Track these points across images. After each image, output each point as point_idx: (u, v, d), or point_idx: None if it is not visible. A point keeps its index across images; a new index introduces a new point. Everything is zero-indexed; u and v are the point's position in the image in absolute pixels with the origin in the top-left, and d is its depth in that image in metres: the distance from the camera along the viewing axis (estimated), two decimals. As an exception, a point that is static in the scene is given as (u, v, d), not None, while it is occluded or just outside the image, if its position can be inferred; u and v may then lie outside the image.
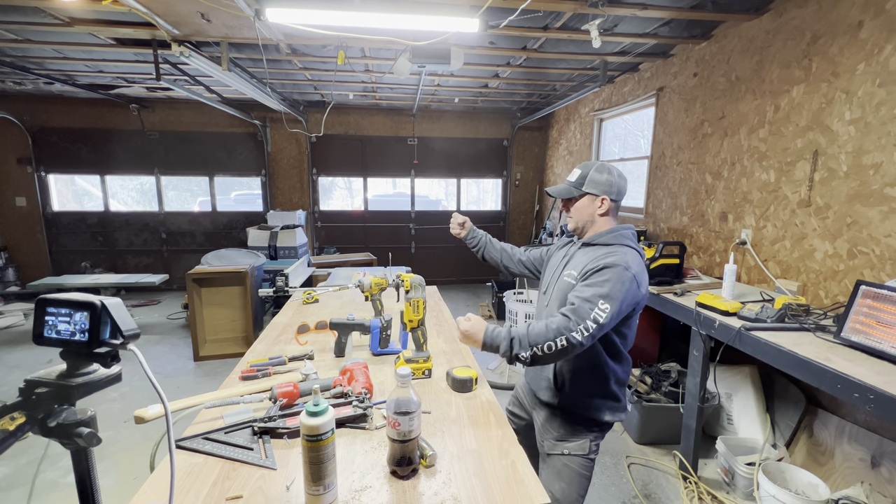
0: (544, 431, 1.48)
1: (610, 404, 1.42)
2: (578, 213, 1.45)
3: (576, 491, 1.43)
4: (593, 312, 1.20)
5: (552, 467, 1.45)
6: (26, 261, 5.94)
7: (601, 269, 1.28)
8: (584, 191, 1.43)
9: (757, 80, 2.66)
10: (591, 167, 1.44)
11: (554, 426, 1.46)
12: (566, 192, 1.46)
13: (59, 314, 0.47)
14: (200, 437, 1.09)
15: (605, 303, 1.21)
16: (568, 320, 1.21)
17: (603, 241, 1.41)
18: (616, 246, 1.38)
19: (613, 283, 1.24)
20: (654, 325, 3.07)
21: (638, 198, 4.20)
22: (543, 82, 4.65)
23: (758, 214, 2.67)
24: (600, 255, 1.34)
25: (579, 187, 1.44)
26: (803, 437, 2.34)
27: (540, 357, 1.20)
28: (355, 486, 0.94)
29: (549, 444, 1.46)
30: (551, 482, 1.44)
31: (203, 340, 3.89)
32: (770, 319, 1.92)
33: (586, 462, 1.43)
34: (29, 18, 2.89)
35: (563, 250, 1.55)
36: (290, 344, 1.78)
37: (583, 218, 1.45)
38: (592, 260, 1.34)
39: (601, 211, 1.43)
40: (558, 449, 1.43)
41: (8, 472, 2.37)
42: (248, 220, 6.16)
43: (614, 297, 1.23)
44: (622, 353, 1.41)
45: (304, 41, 3.21)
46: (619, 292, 1.24)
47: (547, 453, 1.46)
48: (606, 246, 1.39)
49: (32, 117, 5.66)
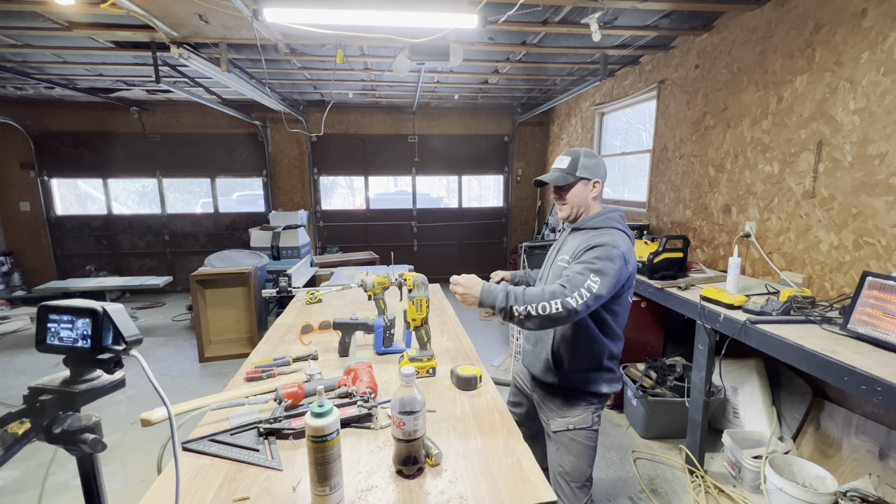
0: (548, 411, 1.54)
1: (606, 377, 1.49)
2: (574, 199, 1.49)
3: (584, 462, 1.48)
4: (587, 282, 1.27)
5: (559, 443, 1.50)
6: (31, 265, 5.98)
7: (591, 248, 1.36)
8: (578, 176, 1.47)
9: (759, 71, 2.63)
10: (580, 153, 1.48)
11: (556, 404, 1.51)
12: (562, 179, 1.48)
13: (61, 321, 0.47)
14: (206, 438, 1.09)
15: (597, 276, 1.28)
16: (563, 288, 1.26)
17: (592, 225, 1.47)
18: (605, 229, 1.45)
19: (603, 259, 1.31)
20: (658, 319, 3.06)
21: (640, 192, 4.18)
22: (543, 77, 4.63)
23: (762, 206, 2.65)
24: (590, 237, 1.40)
25: (573, 173, 1.47)
26: (810, 429, 2.33)
27: (534, 318, 1.24)
28: (361, 485, 0.94)
29: (554, 423, 1.51)
30: (561, 457, 1.49)
31: (208, 342, 3.91)
32: (775, 312, 1.91)
33: (591, 433, 1.49)
34: (28, 23, 2.89)
35: (560, 237, 1.62)
36: (295, 344, 1.78)
37: (578, 203, 1.50)
38: (583, 241, 1.41)
39: (594, 194, 1.50)
40: (563, 425, 1.48)
41: (18, 475, 2.39)
42: (251, 221, 6.17)
43: (605, 272, 1.29)
44: (615, 331, 1.47)
45: (303, 40, 3.20)
46: (609, 268, 1.30)
47: (553, 431, 1.51)
48: (596, 229, 1.46)
49: (34, 122, 5.69)
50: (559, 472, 1.50)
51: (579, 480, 1.47)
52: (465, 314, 5.17)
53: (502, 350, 4.09)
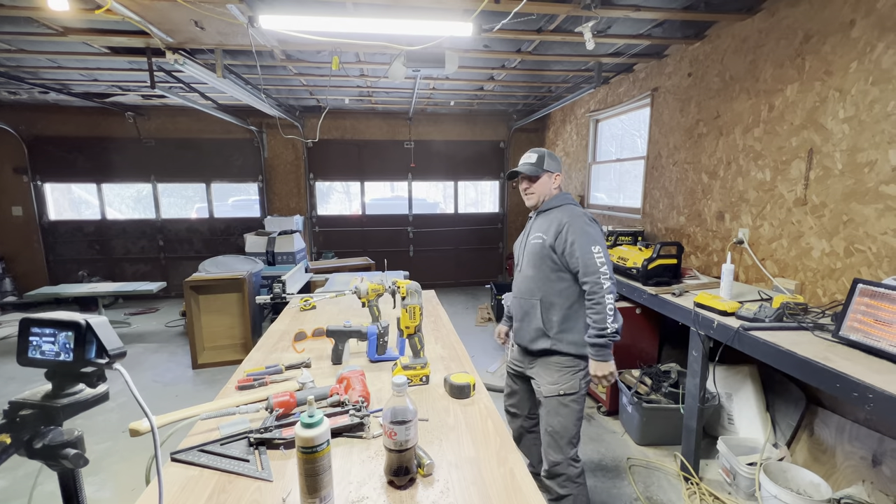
0: (540, 379, 1.78)
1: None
2: (540, 189, 1.79)
3: (572, 421, 1.73)
4: (596, 258, 1.62)
5: (550, 407, 1.74)
6: (23, 270, 5.92)
7: (565, 230, 1.67)
8: (545, 169, 1.77)
9: (751, 80, 2.67)
10: (544, 152, 1.78)
11: (549, 372, 1.75)
12: (534, 171, 1.77)
13: (43, 334, 0.46)
14: (196, 449, 1.08)
15: (594, 245, 1.63)
16: (593, 285, 1.61)
17: (552, 206, 1.79)
18: (563, 206, 1.77)
19: (582, 229, 1.66)
20: (653, 325, 3.06)
21: (635, 198, 4.20)
22: (539, 84, 4.66)
23: (754, 213, 2.67)
24: (554, 217, 1.73)
25: (541, 167, 1.77)
26: (804, 436, 2.33)
27: (617, 323, 1.61)
28: (352, 496, 0.93)
29: (546, 389, 1.74)
30: (551, 419, 1.74)
31: (202, 348, 3.87)
32: (768, 319, 1.92)
33: (579, 398, 1.74)
34: (22, 29, 2.89)
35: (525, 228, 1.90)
36: (288, 352, 1.77)
37: (543, 193, 1.80)
38: (551, 221, 1.72)
39: (555, 185, 1.81)
40: (554, 391, 1.73)
41: (5, 485, 2.35)
42: (246, 226, 6.15)
43: (594, 236, 1.65)
44: None
45: (299, 47, 3.21)
46: (592, 232, 1.66)
47: (545, 396, 1.75)
48: (556, 208, 1.77)
49: (28, 127, 5.66)
50: (549, 431, 1.74)
51: (566, 437, 1.73)
52: (461, 319, 5.16)
53: (498, 356, 4.08)
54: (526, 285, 1.80)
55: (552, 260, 1.72)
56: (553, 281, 1.73)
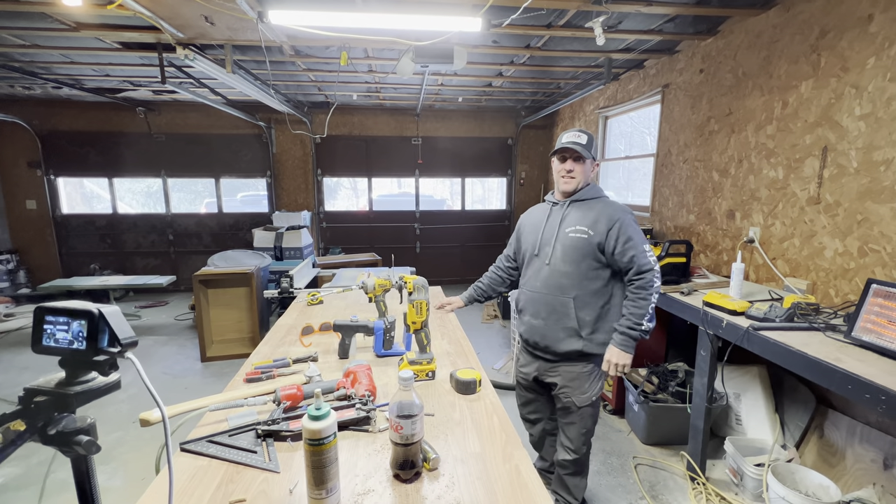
0: (569, 390, 1.74)
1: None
2: (583, 175, 1.68)
3: (594, 423, 1.81)
4: (649, 257, 1.60)
5: (584, 413, 1.75)
6: (37, 263, 6.02)
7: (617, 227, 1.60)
8: (592, 154, 1.67)
9: (764, 76, 2.62)
10: (593, 135, 1.72)
11: (580, 382, 1.72)
12: (584, 152, 1.64)
13: (57, 322, 0.47)
14: (205, 439, 1.09)
15: (645, 244, 1.61)
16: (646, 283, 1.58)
17: (589, 196, 1.70)
18: (601, 199, 1.71)
19: (634, 227, 1.63)
20: (660, 324, 3.04)
21: (644, 196, 4.16)
22: (548, 80, 4.62)
23: (766, 212, 2.64)
24: (598, 210, 1.65)
25: (589, 150, 1.65)
26: (814, 437, 2.30)
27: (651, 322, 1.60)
28: (358, 489, 0.93)
29: (579, 399, 1.73)
30: (585, 421, 1.77)
31: (210, 341, 3.92)
32: (779, 319, 1.90)
33: (600, 398, 1.81)
34: (36, 24, 2.92)
35: (548, 212, 1.78)
36: (295, 346, 1.78)
37: (583, 179, 1.69)
38: (597, 217, 1.63)
39: (594, 173, 1.74)
40: (587, 400, 1.73)
41: (19, 473, 2.40)
42: (254, 222, 6.19)
43: (642, 234, 1.63)
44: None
45: (307, 42, 3.21)
46: (639, 231, 1.63)
47: (579, 406, 1.74)
48: (593, 199, 1.70)
49: (41, 121, 5.74)
50: (584, 432, 1.78)
51: (593, 431, 1.83)
52: (467, 316, 5.16)
53: (503, 353, 4.08)
54: (556, 280, 1.67)
55: (595, 259, 1.63)
56: (591, 279, 1.65)
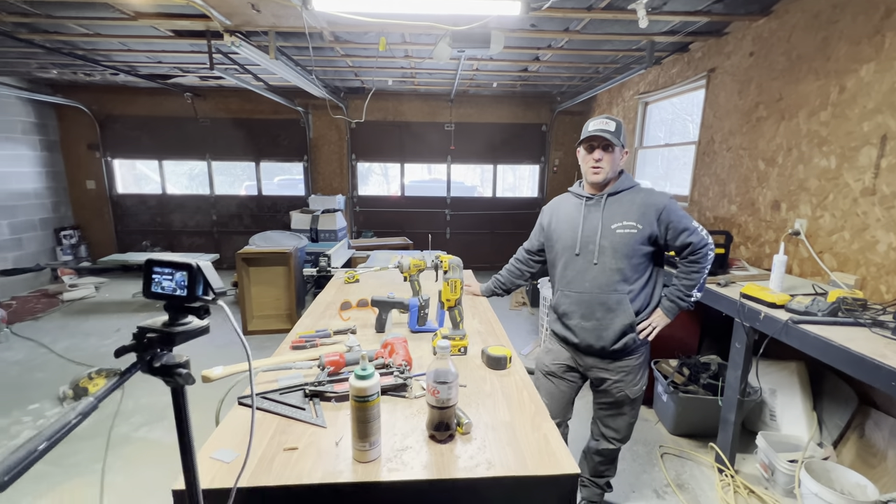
0: (622, 384, 1.71)
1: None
2: (612, 164, 1.59)
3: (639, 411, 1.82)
4: (702, 233, 1.59)
5: (634, 405, 1.77)
6: (96, 239, 6.51)
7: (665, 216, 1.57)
8: (621, 142, 1.57)
9: (821, 59, 2.48)
10: (621, 121, 1.60)
11: (632, 375, 1.71)
12: (614, 140, 1.55)
13: (163, 273, 0.56)
14: (259, 396, 1.20)
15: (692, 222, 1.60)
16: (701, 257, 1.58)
17: (625, 187, 1.63)
18: (636, 188, 1.64)
19: (679, 211, 1.60)
20: (694, 316, 2.98)
21: (683, 185, 4.04)
22: (586, 65, 4.52)
23: (814, 203, 2.52)
24: (638, 202, 1.59)
25: (618, 138, 1.56)
26: (853, 437, 2.23)
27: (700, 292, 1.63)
28: (397, 446, 1.01)
29: (632, 391, 1.73)
30: (635, 411, 1.79)
31: (251, 316, 4.15)
32: (821, 313, 1.84)
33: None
34: (99, 14, 3.13)
35: (581, 208, 1.68)
36: (334, 319, 1.89)
37: (611, 169, 1.60)
38: (640, 210, 1.57)
39: (622, 163, 1.64)
40: (638, 391, 1.74)
41: (84, 426, 2.66)
42: (291, 204, 6.43)
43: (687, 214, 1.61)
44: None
45: (347, 28, 3.28)
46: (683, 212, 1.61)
47: (632, 398, 1.74)
48: (628, 190, 1.63)
49: (100, 106, 6.13)
50: (632, 423, 1.81)
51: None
52: (496, 303, 5.18)
53: (531, 340, 4.11)
54: (609, 279, 1.61)
55: (643, 253, 1.60)
56: (641, 271, 1.62)
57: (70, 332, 4.19)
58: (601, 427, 1.87)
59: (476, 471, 0.94)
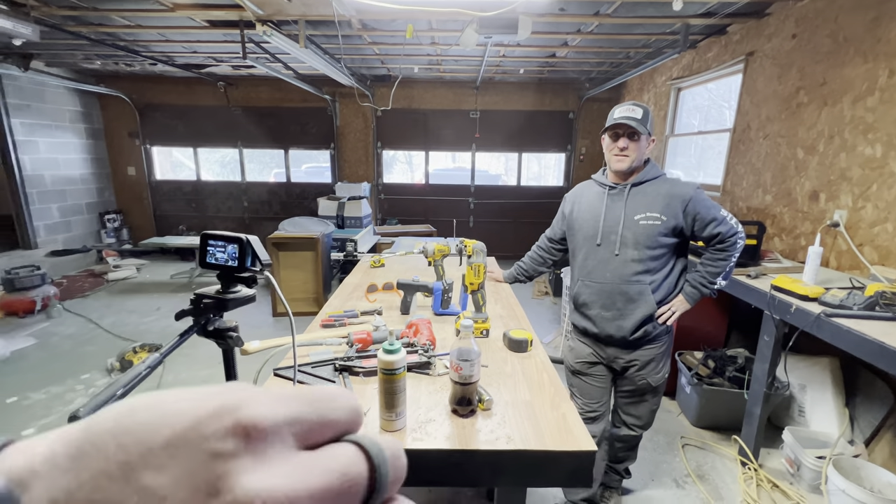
0: (644, 372, 1.72)
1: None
2: (639, 153, 1.56)
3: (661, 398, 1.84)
4: (731, 221, 1.56)
5: (657, 392, 1.78)
6: (136, 223, 6.86)
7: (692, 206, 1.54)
8: (648, 129, 1.53)
9: (870, 41, 2.34)
10: (649, 108, 1.56)
11: (655, 362, 1.70)
12: (640, 127, 1.51)
13: (216, 245, 0.62)
14: (292, 368, 1.28)
15: (720, 211, 1.56)
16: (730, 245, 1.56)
17: (650, 177, 1.60)
18: (662, 178, 1.60)
19: (707, 201, 1.56)
20: (721, 309, 2.92)
21: (715, 175, 3.91)
22: (616, 50, 4.40)
23: (856, 194, 2.41)
24: (663, 192, 1.56)
25: (645, 125, 1.52)
26: (887, 435, 2.16)
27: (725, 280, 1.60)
28: (421, 418, 1.07)
29: (654, 379, 1.72)
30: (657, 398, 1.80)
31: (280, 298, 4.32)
32: (857, 307, 1.78)
33: None
34: (141, 6, 3.27)
35: (604, 197, 1.67)
36: (361, 301, 1.96)
37: (639, 157, 1.57)
38: (666, 200, 1.55)
39: (648, 151, 1.60)
40: (661, 378, 1.74)
41: (133, 394, 2.87)
42: (318, 191, 6.58)
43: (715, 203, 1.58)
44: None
45: (375, 16, 3.31)
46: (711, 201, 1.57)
47: (654, 386, 1.74)
48: (654, 180, 1.59)
49: (139, 96, 6.41)
50: (654, 410, 1.83)
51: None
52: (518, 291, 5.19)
53: (553, 329, 4.11)
54: (630, 269, 1.60)
55: (667, 244, 1.58)
56: (663, 262, 1.61)
57: (115, 309, 4.48)
58: (622, 414, 1.88)
59: (496, 444, 0.99)
